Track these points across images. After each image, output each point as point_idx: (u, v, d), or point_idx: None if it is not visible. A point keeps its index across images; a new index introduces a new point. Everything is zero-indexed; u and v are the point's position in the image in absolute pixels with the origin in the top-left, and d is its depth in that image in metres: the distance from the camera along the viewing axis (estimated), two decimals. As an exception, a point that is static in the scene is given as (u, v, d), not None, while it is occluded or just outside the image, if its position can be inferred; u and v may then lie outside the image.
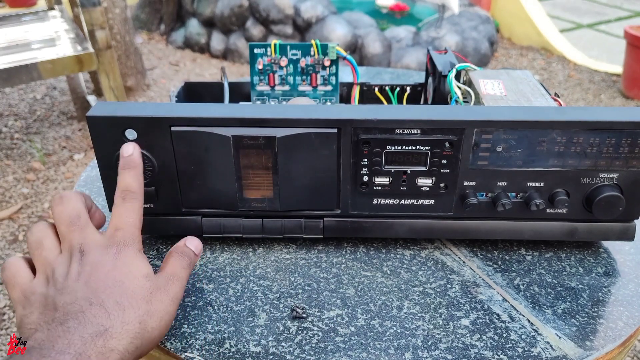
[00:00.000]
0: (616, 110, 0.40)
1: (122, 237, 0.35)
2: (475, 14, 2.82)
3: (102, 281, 0.33)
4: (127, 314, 0.32)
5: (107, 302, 0.32)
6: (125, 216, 0.36)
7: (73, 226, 0.36)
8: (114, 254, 0.34)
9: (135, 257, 0.35)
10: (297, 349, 0.37)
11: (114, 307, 0.31)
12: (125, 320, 0.31)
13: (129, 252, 0.35)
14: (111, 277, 0.33)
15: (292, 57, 0.56)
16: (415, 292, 0.42)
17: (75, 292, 0.32)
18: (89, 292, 0.32)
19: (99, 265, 0.34)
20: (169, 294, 0.35)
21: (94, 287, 0.32)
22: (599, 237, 0.45)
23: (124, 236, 0.35)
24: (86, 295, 0.32)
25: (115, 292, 0.32)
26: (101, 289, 0.32)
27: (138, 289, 0.33)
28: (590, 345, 0.37)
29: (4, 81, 1.50)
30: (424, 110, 0.41)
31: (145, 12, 3.07)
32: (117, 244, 0.35)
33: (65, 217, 0.36)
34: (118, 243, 0.35)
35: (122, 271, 0.34)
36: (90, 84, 2.27)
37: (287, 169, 0.41)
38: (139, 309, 0.32)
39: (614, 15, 3.73)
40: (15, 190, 1.64)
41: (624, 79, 2.40)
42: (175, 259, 0.38)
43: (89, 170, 0.59)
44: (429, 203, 0.44)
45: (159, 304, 0.34)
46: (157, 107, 0.41)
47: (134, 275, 0.34)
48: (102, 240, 0.35)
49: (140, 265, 0.35)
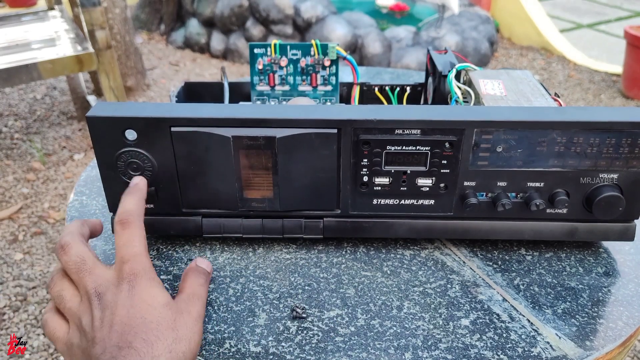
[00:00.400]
0: (616, 110, 0.40)
1: (131, 269, 0.35)
2: (475, 14, 2.82)
3: (125, 323, 0.33)
4: (155, 348, 0.32)
5: (135, 343, 0.32)
6: (130, 246, 0.36)
7: (82, 272, 0.36)
8: (128, 290, 0.34)
9: (151, 287, 0.35)
10: (297, 349, 0.37)
11: (142, 346, 0.32)
12: (155, 354, 0.32)
13: (143, 283, 0.35)
14: (132, 315, 0.33)
15: (292, 57, 0.56)
16: (415, 292, 0.42)
17: (103, 342, 0.32)
18: (116, 337, 0.32)
19: (117, 305, 0.34)
20: (192, 315, 0.35)
21: (119, 330, 0.32)
22: (599, 237, 0.45)
23: (132, 268, 0.35)
24: (115, 342, 0.32)
25: (140, 330, 0.32)
26: (126, 330, 0.32)
27: (161, 320, 0.33)
28: (590, 345, 0.37)
29: (4, 81, 1.50)
30: (424, 111, 0.41)
31: (145, 12, 3.07)
32: (127, 279, 0.35)
33: (72, 266, 0.36)
34: (129, 277, 0.35)
35: (141, 307, 0.34)
36: (90, 84, 2.27)
37: (287, 169, 0.41)
38: (167, 339, 0.33)
39: (614, 15, 3.73)
40: (15, 190, 1.64)
41: (624, 79, 2.40)
42: (192, 278, 0.39)
43: (89, 170, 0.59)
44: (429, 203, 0.44)
45: (184, 328, 0.34)
46: (157, 107, 0.41)
47: (154, 307, 0.34)
48: (113, 277, 0.35)
49: (157, 295, 0.35)
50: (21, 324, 1.16)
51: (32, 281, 1.28)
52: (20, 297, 1.23)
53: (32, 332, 1.14)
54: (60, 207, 1.57)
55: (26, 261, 1.35)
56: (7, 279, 1.28)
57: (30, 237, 1.44)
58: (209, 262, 0.42)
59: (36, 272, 1.31)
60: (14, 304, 1.21)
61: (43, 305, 1.21)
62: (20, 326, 1.15)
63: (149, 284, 0.35)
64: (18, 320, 1.17)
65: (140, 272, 0.35)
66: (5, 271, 1.31)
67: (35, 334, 1.14)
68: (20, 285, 1.26)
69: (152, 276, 0.36)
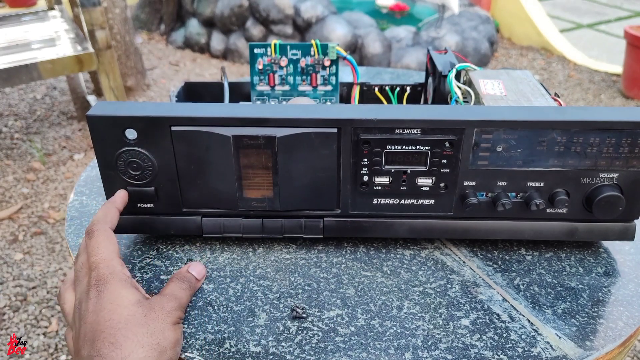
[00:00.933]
0: (616, 110, 0.40)
1: (97, 275, 0.35)
2: (475, 14, 2.82)
3: (94, 330, 0.33)
4: (124, 348, 0.32)
5: (103, 349, 0.32)
6: (94, 254, 0.36)
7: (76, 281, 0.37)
8: (96, 296, 0.34)
9: (120, 288, 0.35)
10: (297, 349, 0.37)
11: (110, 350, 0.31)
12: (125, 354, 0.32)
13: (110, 286, 0.35)
14: (100, 320, 0.33)
15: (292, 57, 0.56)
16: (415, 292, 0.42)
17: (79, 354, 0.33)
18: (88, 347, 0.32)
19: (87, 313, 0.34)
20: (164, 309, 0.35)
21: (90, 338, 0.33)
22: (599, 237, 0.45)
23: (98, 274, 0.35)
24: (87, 354, 0.32)
25: (107, 333, 0.32)
26: (95, 337, 0.32)
27: (130, 318, 0.33)
28: (590, 345, 0.37)
29: (4, 81, 1.49)
30: (424, 110, 0.41)
31: (145, 12, 3.07)
32: (95, 286, 0.35)
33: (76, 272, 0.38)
34: (96, 284, 0.35)
35: (109, 309, 0.34)
36: (90, 84, 2.27)
37: (287, 168, 0.41)
38: (136, 335, 0.33)
39: (614, 15, 3.73)
40: (15, 190, 1.64)
41: (624, 79, 2.39)
42: (174, 283, 0.39)
43: (89, 170, 0.59)
44: (429, 203, 0.44)
45: (155, 322, 0.34)
46: (157, 107, 0.41)
47: (123, 306, 0.34)
48: (85, 287, 0.36)
49: (127, 295, 0.35)
50: (21, 324, 1.16)
51: (32, 281, 1.28)
52: (20, 297, 1.23)
53: (32, 332, 1.14)
54: (60, 207, 1.57)
55: (26, 261, 1.35)
56: (7, 279, 1.28)
57: (30, 237, 1.44)
58: (202, 268, 0.42)
59: (36, 272, 1.31)
60: (14, 304, 1.21)
61: (43, 305, 1.21)
62: (20, 326, 1.15)
63: (118, 285, 0.35)
64: (18, 320, 1.17)
65: (107, 276, 0.35)
66: (5, 271, 1.31)
67: (35, 334, 1.14)
68: (20, 285, 1.26)
69: (123, 278, 0.36)
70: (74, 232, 0.49)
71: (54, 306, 1.21)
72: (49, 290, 1.26)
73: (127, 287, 0.35)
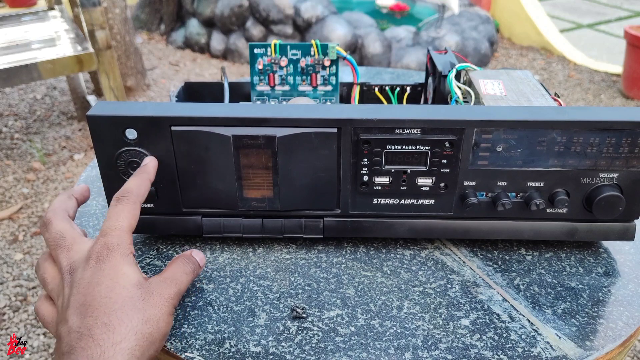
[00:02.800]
0: (616, 110, 0.40)
1: (105, 243, 0.34)
2: (475, 14, 2.82)
3: (88, 304, 0.31)
4: (117, 333, 0.30)
5: (95, 329, 0.30)
6: (114, 219, 0.35)
7: (59, 248, 0.35)
8: (96, 266, 0.33)
9: (122, 264, 0.33)
10: (297, 349, 0.37)
11: (102, 332, 0.30)
12: (117, 339, 0.30)
13: (113, 259, 0.33)
14: (96, 294, 0.31)
15: (292, 57, 0.56)
16: (415, 292, 0.42)
17: (67, 324, 0.31)
18: (79, 321, 0.31)
19: (82, 282, 0.32)
20: (163, 296, 0.34)
21: (82, 312, 0.31)
22: (599, 237, 0.45)
23: (106, 242, 0.34)
24: (76, 327, 0.31)
25: (102, 311, 0.31)
26: (88, 312, 0.31)
27: (128, 300, 0.32)
28: (590, 345, 0.37)
29: (4, 81, 1.50)
30: (424, 110, 0.41)
31: (145, 12, 3.07)
32: (97, 253, 0.33)
33: (52, 242, 0.36)
34: (99, 252, 0.33)
35: (107, 285, 0.32)
36: (90, 84, 2.27)
37: (287, 168, 0.41)
38: (132, 321, 0.31)
39: (614, 15, 3.73)
40: (15, 190, 1.64)
41: (624, 79, 2.40)
42: (178, 263, 0.37)
43: (89, 170, 0.59)
44: (429, 203, 0.44)
45: (153, 308, 0.33)
46: (157, 107, 0.41)
47: (122, 285, 0.32)
48: (86, 254, 0.34)
49: (127, 273, 0.33)
50: (21, 324, 1.16)
51: (32, 281, 1.28)
52: (20, 297, 1.23)
53: (32, 332, 1.14)
54: (60, 207, 1.56)
55: (26, 261, 1.35)
56: (7, 279, 1.28)
57: (30, 237, 1.44)
58: (203, 256, 0.40)
59: (36, 272, 1.31)
60: (14, 304, 1.21)
61: (43, 305, 1.21)
62: (20, 326, 1.15)
63: (121, 260, 0.33)
64: (18, 320, 1.17)
65: (114, 246, 0.34)
66: (5, 271, 1.31)
67: (35, 334, 1.14)
68: (20, 285, 1.26)
69: (126, 253, 0.34)
70: (74, 232, 0.49)
71: (54, 306, 1.21)
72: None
73: (129, 263, 0.34)
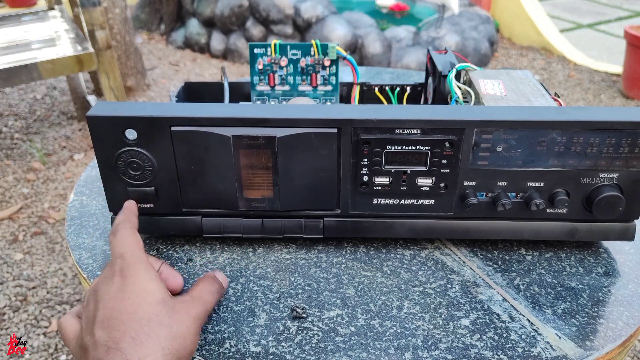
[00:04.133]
0: (616, 110, 0.40)
1: (123, 262, 0.35)
2: (475, 14, 2.82)
3: (114, 317, 0.32)
4: (145, 348, 0.31)
5: (123, 343, 0.30)
6: (122, 244, 0.36)
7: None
8: (120, 283, 0.33)
9: (146, 281, 0.34)
10: (297, 349, 0.37)
11: (130, 346, 0.30)
12: (145, 353, 0.30)
13: (136, 276, 0.34)
14: (122, 309, 0.32)
15: (292, 57, 0.56)
16: (415, 292, 0.42)
17: (94, 338, 0.31)
18: (106, 335, 0.31)
19: (107, 298, 0.33)
20: (189, 314, 0.34)
21: (108, 326, 0.31)
22: (599, 237, 0.45)
23: (124, 262, 0.35)
24: (103, 341, 0.31)
25: (129, 327, 0.31)
26: (115, 326, 0.31)
27: (154, 317, 0.32)
28: (590, 345, 0.37)
29: (4, 81, 1.50)
30: (424, 110, 0.41)
31: (145, 12, 3.07)
32: (120, 271, 0.34)
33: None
34: (121, 270, 0.34)
35: (134, 301, 0.32)
36: (90, 84, 2.27)
37: (287, 168, 0.41)
38: (159, 337, 0.31)
39: (614, 15, 3.73)
40: (15, 190, 1.64)
41: (624, 79, 2.39)
42: (204, 283, 0.38)
43: (89, 170, 0.59)
44: (429, 203, 0.44)
45: (179, 326, 0.33)
46: (157, 107, 0.41)
47: (147, 302, 0.33)
48: (107, 272, 0.35)
49: (152, 290, 0.34)
50: (21, 324, 1.16)
51: (32, 281, 1.28)
52: (20, 297, 1.23)
53: (32, 332, 1.14)
54: (60, 207, 1.57)
55: (26, 261, 1.35)
56: (7, 279, 1.28)
57: (30, 237, 1.44)
58: (226, 278, 0.41)
59: (36, 272, 1.31)
60: (14, 304, 1.21)
61: (43, 305, 1.21)
62: (20, 326, 1.15)
63: (144, 276, 0.34)
64: (18, 320, 1.17)
65: (134, 264, 0.34)
66: (5, 271, 1.31)
67: (35, 334, 1.14)
68: (20, 285, 1.26)
69: (148, 268, 0.35)
70: (74, 232, 0.49)
71: (54, 306, 1.21)
72: (49, 290, 1.26)
73: (153, 279, 0.34)
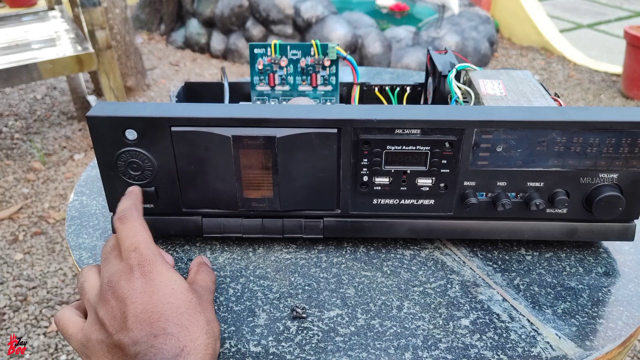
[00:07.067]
0: (616, 110, 0.40)
1: (140, 256, 0.34)
2: (475, 14, 2.82)
3: (151, 311, 0.31)
4: (191, 331, 0.31)
5: (170, 328, 0.31)
6: (132, 236, 0.35)
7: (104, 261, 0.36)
8: (143, 277, 0.33)
9: (168, 272, 0.34)
10: (297, 349, 0.37)
11: (178, 330, 0.31)
12: (193, 336, 0.31)
13: (158, 268, 0.34)
14: (157, 302, 0.32)
15: (292, 57, 0.56)
16: (415, 292, 0.42)
17: (132, 333, 0.31)
18: (146, 327, 0.31)
19: (133, 292, 0.32)
20: (209, 300, 0.36)
21: (146, 319, 0.31)
22: (599, 237, 0.45)
23: (141, 255, 0.34)
24: (147, 332, 0.31)
25: (170, 315, 0.31)
26: (155, 319, 0.31)
27: (189, 304, 0.33)
28: (590, 345, 0.37)
29: (4, 81, 1.50)
30: (424, 110, 0.41)
31: (145, 12, 3.07)
32: (139, 266, 0.33)
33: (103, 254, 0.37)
34: (140, 264, 0.33)
35: (164, 292, 0.33)
36: (90, 84, 2.27)
37: (287, 168, 0.41)
38: (199, 321, 0.32)
39: (614, 15, 3.73)
40: (15, 190, 1.64)
41: (624, 79, 2.40)
42: (205, 273, 0.39)
43: (89, 170, 0.59)
44: (429, 203, 0.44)
45: (208, 311, 0.34)
46: (157, 107, 0.41)
47: (178, 291, 0.33)
48: (124, 266, 0.34)
49: (178, 280, 0.34)
50: (21, 324, 1.16)
51: (32, 281, 1.28)
52: (20, 297, 1.23)
53: (32, 332, 1.14)
54: (60, 207, 1.57)
55: (26, 261, 1.35)
56: (7, 279, 1.28)
57: (30, 237, 1.44)
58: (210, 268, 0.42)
59: (36, 272, 1.31)
60: (14, 304, 1.21)
61: (43, 305, 1.21)
62: (20, 326, 1.15)
63: (164, 267, 0.34)
64: (18, 320, 1.17)
65: (152, 257, 0.34)
66: (5, 271, 1.31)
67: (35, 334, 1.14)
68: (20, 285, 1.26)
69: (164, 261, 0.35)
70: (74, 232, 0.49)
71: (54, 306, 1.21)
72: (49, 290, 1.26)
73: (174, 271, 0.35)
